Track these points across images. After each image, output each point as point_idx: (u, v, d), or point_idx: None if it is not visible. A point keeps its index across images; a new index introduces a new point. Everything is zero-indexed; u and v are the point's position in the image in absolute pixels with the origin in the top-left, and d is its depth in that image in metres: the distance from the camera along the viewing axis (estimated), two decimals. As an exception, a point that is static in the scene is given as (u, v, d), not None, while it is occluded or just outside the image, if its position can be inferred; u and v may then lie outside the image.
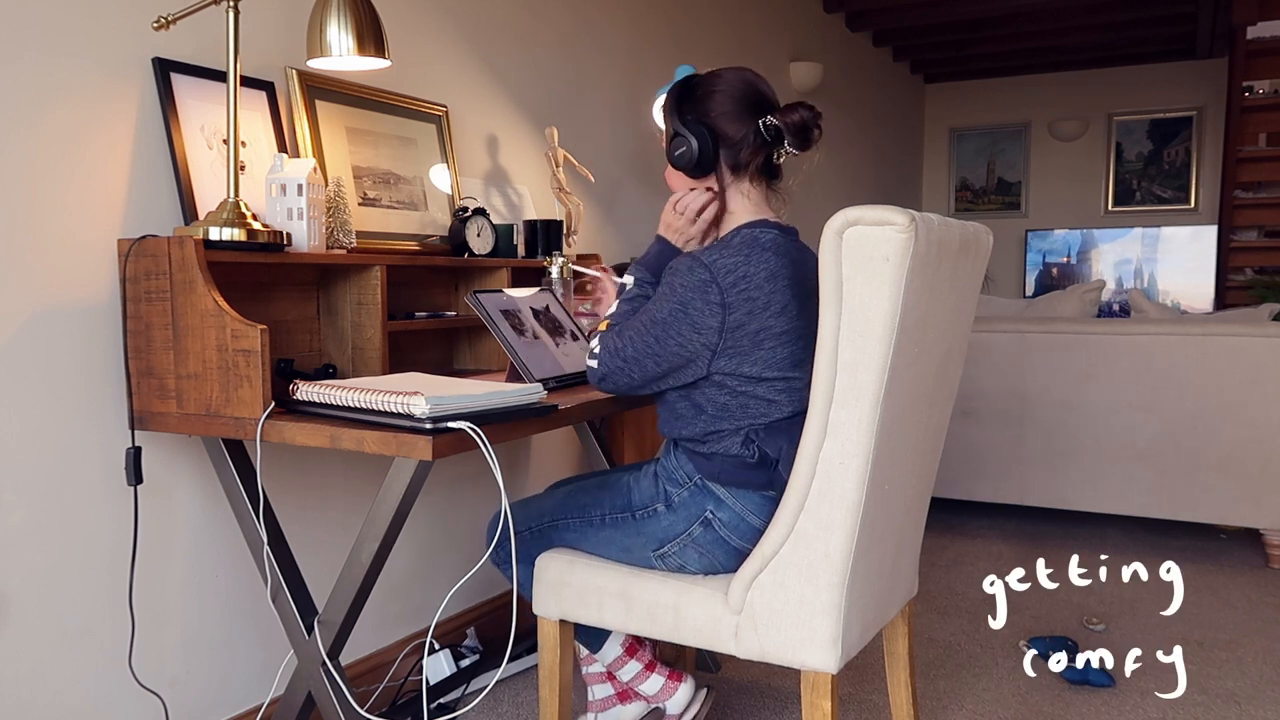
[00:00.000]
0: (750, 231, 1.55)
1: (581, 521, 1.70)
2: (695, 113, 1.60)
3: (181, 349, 1.57)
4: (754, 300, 1.47)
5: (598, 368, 1.58)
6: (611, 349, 1.56)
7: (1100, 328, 3.40)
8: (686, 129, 1.59)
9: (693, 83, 1.63)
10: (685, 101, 1.62)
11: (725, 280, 1.46)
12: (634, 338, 1.54)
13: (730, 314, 1.47)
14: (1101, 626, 2.71)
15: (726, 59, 4.18)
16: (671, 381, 1.56)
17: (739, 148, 1.58)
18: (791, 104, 1.58)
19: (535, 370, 1.74)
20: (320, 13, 1.73)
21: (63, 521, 1.62)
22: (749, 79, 1.61)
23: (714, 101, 1.59)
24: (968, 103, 7.53)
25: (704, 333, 1.48)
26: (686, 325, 1.48)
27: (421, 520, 2.40)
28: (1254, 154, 5.78)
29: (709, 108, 1.59)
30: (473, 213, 2.22)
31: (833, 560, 1.42)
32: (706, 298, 1.47)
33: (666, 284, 1.51)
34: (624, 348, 1.55)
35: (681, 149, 1.59)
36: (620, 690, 1.94)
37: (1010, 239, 7.38)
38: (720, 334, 1.48)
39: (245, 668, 1.96)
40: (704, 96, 1.60)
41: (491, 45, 2.63)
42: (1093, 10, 5.50)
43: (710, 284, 1.46)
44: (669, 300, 1.50)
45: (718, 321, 1.47)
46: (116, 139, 1.68)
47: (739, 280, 1.47)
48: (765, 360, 1.50)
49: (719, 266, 1.47)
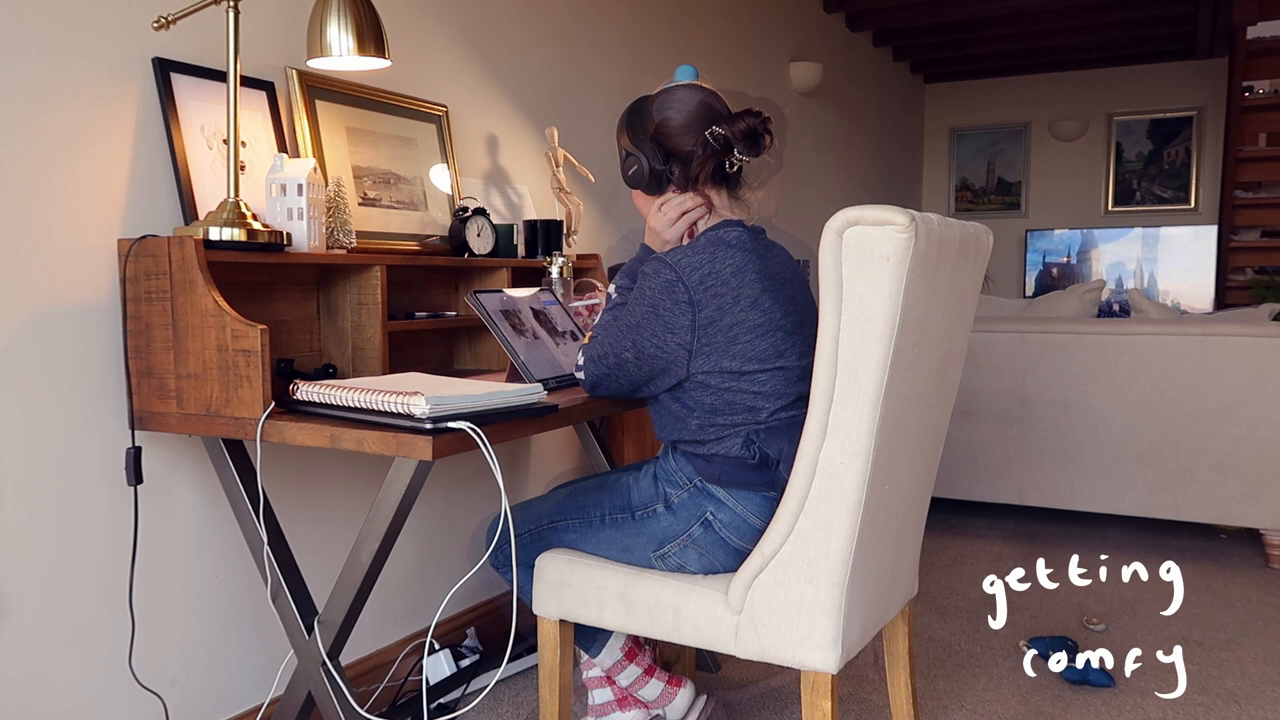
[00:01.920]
0: (715, 232, 1.58)
1: (581, 522, 1.70)
2: (646, 131, 1.64)
3: (181, 349, 1.57)
4: (722, 296, 1.49)
5: (585, 378, 1.63)
6: (595, 356, 1.60)
7: (1100, 328, 3.40)
8: (637, 148, 1.64)
9: (644, 103, 1.67)
10: (637, 121, 1.66)
11: (691, 279, 1.49)
12: (613, 344, 1.57)
13: (700, 311, 1.49)
14: (1101, 626, 2.71)
15: (726, 59, 4.18)
16: (660, 384, 1.58)
17: (689, 160, 1.61)
18: (739, 112, 1.61)
19: (535, 370, 1.74)
20: (320, 13, 1.73)
21: (63, 521, 1.62)
22: (699, 95, 1.64)
23: (664, 118, 1.62)
24: (968, 103, 7.53)
25: (676, 332, 1.50)
26: (659, 326, 1.51)
27: (421, 520, 2.40)
28: (1254, 154, 5.78)
29: (659, 125, 1.63)
30: (473, 213, 2.22)
31: (833, 560, 1.43)
32: (675, 297, 1.49)
33: (637, 289, 1.55)
34: (605, 355, 1.58)
35: (634, 168, 1.65)
36: (620, 696, 1.93)
37: (1010, 239, 7.38)
38: (693, 332, 1.49)
39: (245, 668, 1.96)
40: (654, 114, 1.64)
41: (491, 45, 2.63)
42: (1093, 10, 5.50)
43: (677, 283, 1.49)
44: (640, 304, 1.53)
45: (688, 320, 1.49)
46: (116, 139, 1.68)
47: (705, 278, 1.49)
48: (744, 354, 1.51)
49: (684, 266, 1.50)
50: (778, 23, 4.71)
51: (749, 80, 4.43)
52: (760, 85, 4.55)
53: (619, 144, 1.69)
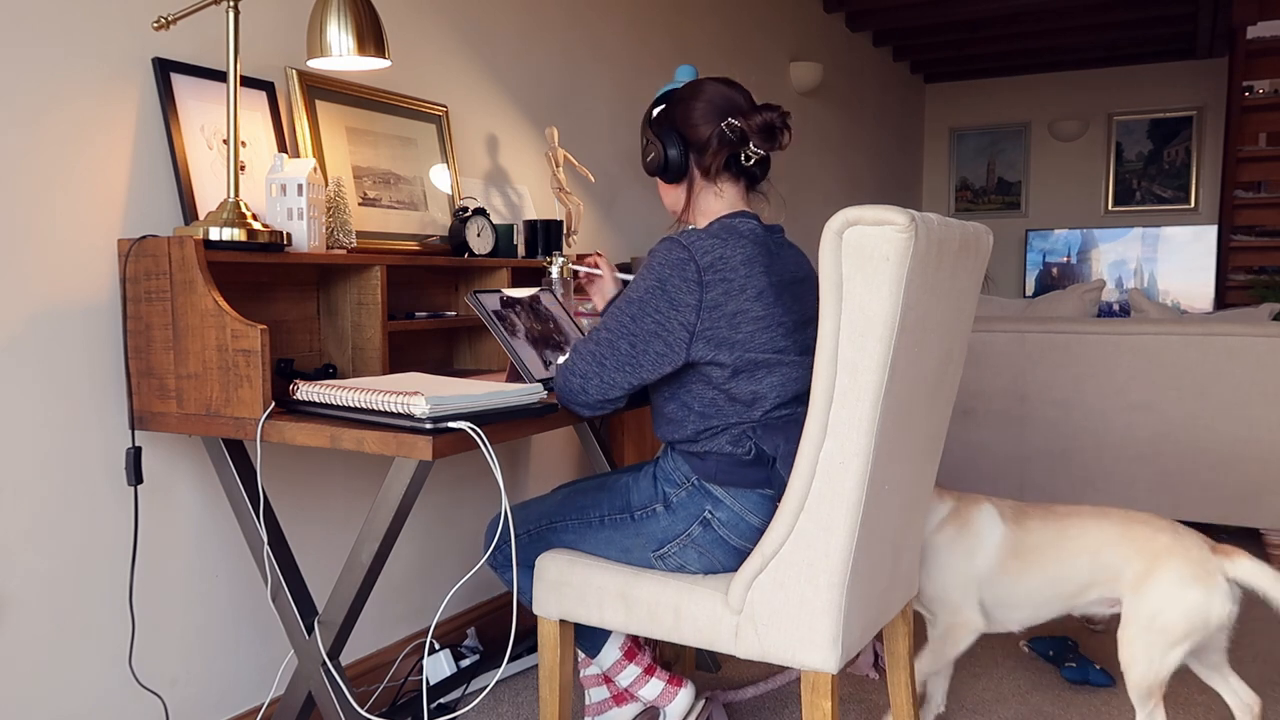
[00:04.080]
0: (729, 220, 1.58)
1: (580, 523, 1.70)
2: (667, 121, 1.65)
3: (182, 349, 1.57)
4: (730, 282, 1.49)
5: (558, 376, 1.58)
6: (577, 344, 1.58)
7: (1100, 328, 3.40)
8: (657, 137, 1.65)
9: (672, 95, 1.68)
10: (661, 111, 1.67)
11: (703, 260, 1.49)
12: (608, 321, 1.55)
13: (707, 292, 1.48)
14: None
15: (726, 59, 4.18)
16: (647, 371, 1.52)
17: (704, 149, 1.62)
18: (759, 105, 1.61)
19: (535, 370, 1.74)
20: (320, 13, 1.73)
21: (63, 521, 1.62)
22: (723, 88, 1.64)
23: (687, 108, 1.63)
24: (968, 103, 7.53)
25: (681, 310, 1.49)
26: (664, 302, 1.49)
27: (421, 520, 2.40)
28: (1254, 154, 5.78)
29: (679, 115, 1.63)
30: (473, 213, 2.22)
31: (833, 560, 1.43)
32: (684, 274, 1.48)
33: (645, 266, 1.53)
34: (596, 332, 1.56)
35: (651, 155, 1.66)
36: (616, 693, 1.93)
37: (1010, 239, 7.38)
38: (698, 312, 1.48)
39: (245, 668, 1.96)
40: (680, 104, 1.64)
41: (491, 45, 2.63)
42: (1093, 10, 5.50)
43: (688, 261, 1.48)
44: (647, 278, 1.51)
45: (695, 299, 1.48)
46: (116, 139, 1.68)
47: (715, 261, 1.49)
48: (744, 344, 1.51)
49: (697, 246, 1.50)
50: (778, 23, 4.71)
51: (749, 80, 4.42)
52: (760, 85, 4.55)
53: (643, 133, 1.70)
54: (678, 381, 1.58)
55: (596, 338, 1.56)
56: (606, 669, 1.86)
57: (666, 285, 1.49)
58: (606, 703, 1.93)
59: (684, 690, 1.87)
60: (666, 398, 1.60)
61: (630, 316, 1.52)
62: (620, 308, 1.54)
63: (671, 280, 1.49)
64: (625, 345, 1.52)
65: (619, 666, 1.85)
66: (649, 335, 1.51)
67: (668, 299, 1.49)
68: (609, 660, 1.84)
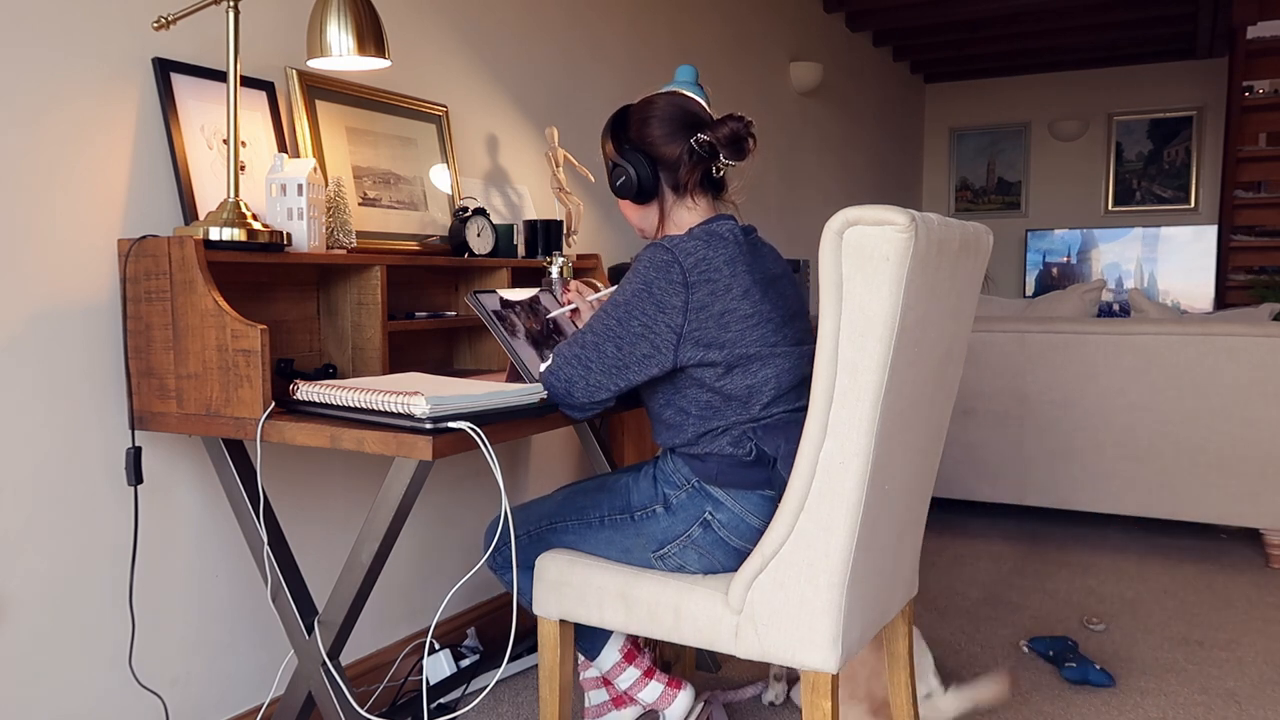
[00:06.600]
0: (709, 224, 1.59)
1: (580, 524, 1.70)
2: (630, 141, 1.64)
3: (181, 349, 1.57)
4: (715, 282, 1.50)
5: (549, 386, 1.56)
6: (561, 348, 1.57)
7: (1100, 328, 3.40)
8: (624, 158, 1.64)
9: (626, 113, 1.68)
10: (620, 132, 1.66)
11: (687, 261, 1.49)
12: (594, 324, 1.55)
13: (693, 293, 1.49)
14: (1101, 626, 2.71)
15: (726, 59, 4.18)
16: (634, 374, 1.52)
17: (677, 167, 1.62)
18: (721, 118, 1.61)
19: (535, 370, 1.74)
20: (320, 13, 1.73)
21: (63, 521, 1.62)
22: (678, 100, 1.65)
23: (648, 127, 1.63)
24: (968, 103, 7.53)
25: (668, 312, 1.49)
26: (651, 305, 1.49)
27: (421, 520, 2.40)
28: (1254, 154, 5.78)
29: (643, 134, 1.63)
30: (473, 213, 2.22)
31: (833, 560, 1.43)
32: (669, 276, 1.49)
33: (630, 271, 1.54)
34: (580, 335, 1.55)
35: (622, 178, 1.64)
36: (615, 696, 1.93)
37: (1010, 239, 7.38)
38: (684, 314, 1.49)
39: (245, 668, 1.96)
40: (637, 124, 1.64)
41: (491, 45, 2.63)
42: (1093, 10, 5.50)
43: (673, 264, 1.49)
44: (632, 282, 1.52)
45: (681, 301, 1.49)
46: (116, 139, 1.68)
47: (700, 262, 1.50)
48: (735, 342, 1.51)
49: (681, 249, 1.50)
50: (778, 23, 4.71)
51: (749, 80, 4.43)
52: (760, 85, 4.55)
53: (604, 155, 1.69)
54: (672, 387, 1.58)
55: (581, 340, 1.55)
56: (606, 671, 1.85)
57: (653, 288, 1.50)
58: (606, 705, 1.93)
59: (683, 693, 1.87)
60: (663, 404, 1.60)
61: (616, 320, 1.52)
62: (606, 311, 1.54)
63: (657, 283, 1.49)
64: (611, 348, 1.52)
65: (618, 669, 1.84)
66: (635, 337, 1.51)
67: (654, 302, 1.50)
68: (608, 663, 1.84)
